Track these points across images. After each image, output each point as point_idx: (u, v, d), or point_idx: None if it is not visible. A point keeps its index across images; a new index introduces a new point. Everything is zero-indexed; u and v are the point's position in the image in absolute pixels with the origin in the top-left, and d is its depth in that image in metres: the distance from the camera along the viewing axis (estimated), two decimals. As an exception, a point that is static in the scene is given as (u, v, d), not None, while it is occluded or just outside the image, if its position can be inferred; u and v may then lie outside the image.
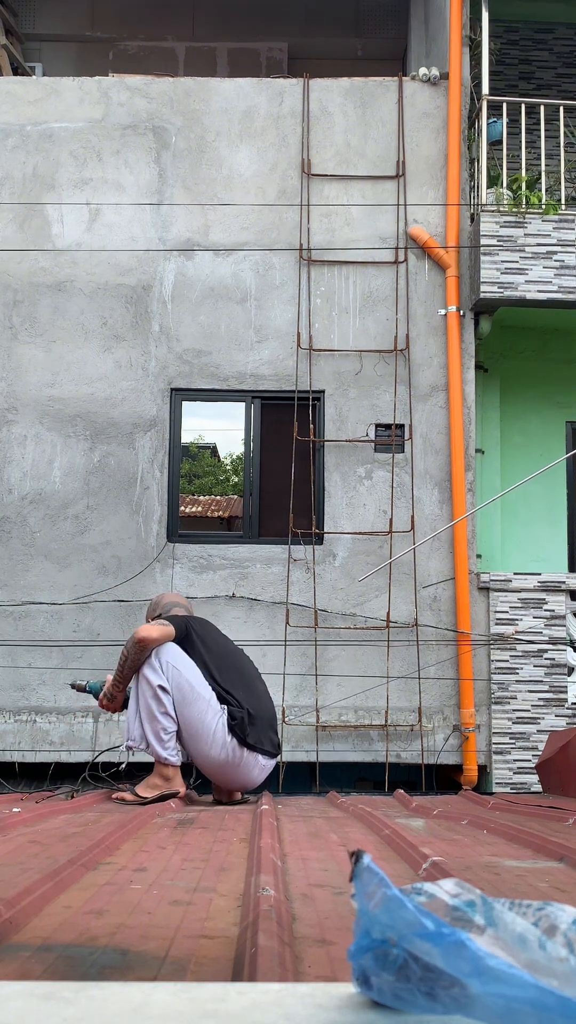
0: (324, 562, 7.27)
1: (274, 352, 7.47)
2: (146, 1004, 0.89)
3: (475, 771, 7.04)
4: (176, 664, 4.00)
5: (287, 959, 1.21)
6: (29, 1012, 0.87)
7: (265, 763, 4.14)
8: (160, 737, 3.98)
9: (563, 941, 0.85)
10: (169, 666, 3.99)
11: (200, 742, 4.00)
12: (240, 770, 4.07)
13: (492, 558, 8.05)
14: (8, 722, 7.03)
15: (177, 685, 3.98)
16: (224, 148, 7.68)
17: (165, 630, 4.05)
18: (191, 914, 1.60)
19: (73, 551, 7.26)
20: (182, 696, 3.97)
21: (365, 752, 7.06)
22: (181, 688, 3.97)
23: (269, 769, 4.21)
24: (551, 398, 8.35)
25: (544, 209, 7.47)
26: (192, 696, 3.97)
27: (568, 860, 2.24)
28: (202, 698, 3.98)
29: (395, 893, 0.88)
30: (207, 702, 3.98)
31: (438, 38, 8.36)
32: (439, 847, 2.48)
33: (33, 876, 1.80)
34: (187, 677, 3.99)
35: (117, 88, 7.75)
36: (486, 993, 0.81)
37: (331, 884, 1.92)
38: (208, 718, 3.98)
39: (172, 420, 7.44)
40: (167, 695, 3.97)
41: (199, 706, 3.97)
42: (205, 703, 3.98)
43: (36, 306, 7.49)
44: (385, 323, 7.51)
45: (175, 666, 3.99)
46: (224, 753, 4.01)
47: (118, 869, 2.07)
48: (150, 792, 4.01)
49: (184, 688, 3.97)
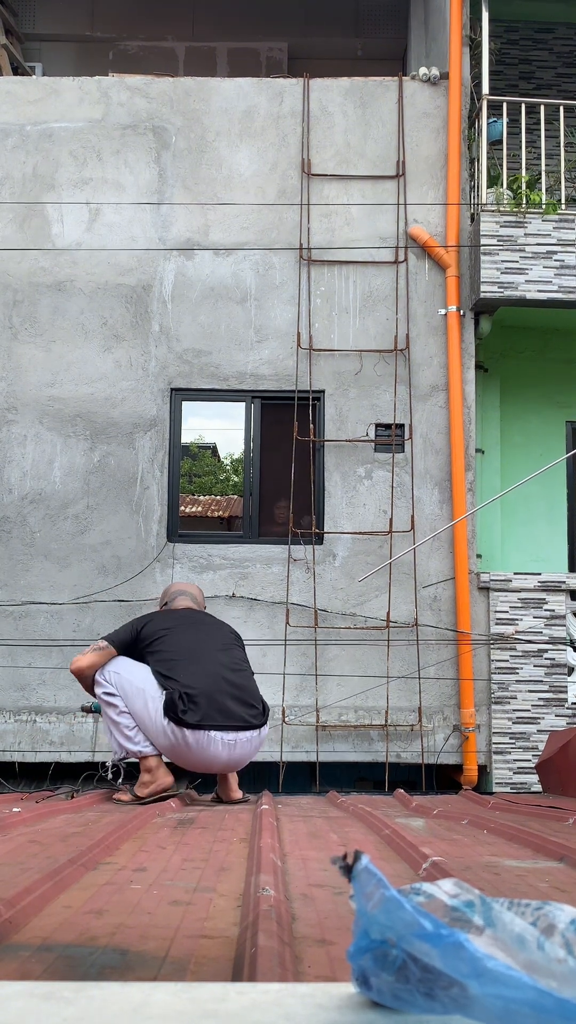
0: (324, 562, 7.27)
1: (274, 352, 7.47)
2: (146, 1004, 0.89)
3: (475, 771, 7.04)
4: (116, 670, 4.19)
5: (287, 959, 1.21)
6: (29, 1012, 0.87)
7: (228, 737, 4.04)
8: (126, 735, 4.12)
9: (561, 942, 0.85)
10: (111, 674, 4.19)
11: (149, 731, 4.09)
12: (193, 750, 4.02)
13: (492, 558, 8.05)
14: (8, 722, 7.04)
15: (119, 687, 4.15)
16: (224, 148, 7.68)
17: (94, 658, 4.27)
18: (191, 914, 1.60)
19: (73, 551, 7.26)
20: (126, 695, 4.13)
21: (365, 752, 7.06)
22: (123, 688, 4.14)
23: (245, 744, 4.10)
24: (551, 398, 8.35)
25: (544, 209, 7.47)
26: (133, 691, 4.11)
27: (568, 860, 2.24)
28: (142, 691, 4.09)
29: (393, 894, 0.89)
30: (146, 692, 4.08)
31: (438, 38, 8.36)
32: (439, 847, 2.48)
33: (33, 876, 1.80)
34: (127, 677, 4.15)
35: (117, 88, 7.75)
36: (485, 994, 0.82)
37: (331, 884, 1.92)
38: (149, 707, 4.06)
39: (172, 420, 7.44)
40: (116, 697, 4.15)
41: (140, 699, 4.09)
42: (145, 695, 4.08)
43: (36, 306, 7.49)
44: (385, 323, 7.52)
45: (115, 671, 4.19)
46: (166, 738, 4.03)
47: (118, 869, 2.07)
48: (144, 790, 4.05)
49: (126, 687, 4.13)
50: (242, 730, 4.10)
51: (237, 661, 4.30)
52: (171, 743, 4.03)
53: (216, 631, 4.42)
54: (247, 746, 4.13)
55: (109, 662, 4.23)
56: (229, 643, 4.38)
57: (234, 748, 4.08)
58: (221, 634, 4.41)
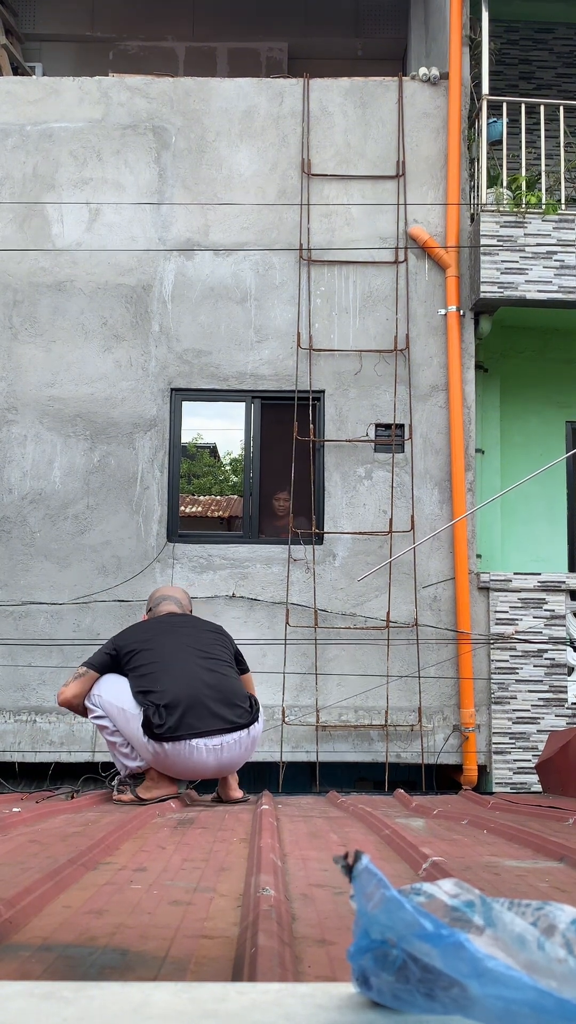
0: (324, 562, 7.27)
1: (274, 352, 7.47)
2: (146, 1004, 0.89)
3: (475, 771, 7.04)
4: (99, 692, 4.22)
5: (287, 959, 1.21)
6: (29, 1012, 0.87)
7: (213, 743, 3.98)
8: (123, 753, 4.17)
9: (561, 942, 0.85)
10: (95, 697, 4.22)
11: (137, 748, 4.11)
12: (176, 762, 3.99)
13: (492, 558, 8.05)
14: (8, 722, 7.04)
15: (106, 708, 4.18)
16: (224, 148, 7.68)
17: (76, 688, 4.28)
18: (191, 914, 1.60)
19: (73, 551, 7.26)
20: (112, 716, 4.17)
21: (365, 752, 7.06)
22: (108, 710, 4.17)
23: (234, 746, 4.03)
24: (551, 398, 8.35)
25: (544, 209, 7.47)
26: (116, 712, 4.15)
27: (568, 860, 2.24)
28: (122, 710, 4.12)
29: (393, 894, 0.89)
30: (127, 712, 4.10)
31: (438, 38, 8.36)
32: (439, 847, 2.48)
33: (33, 876, 1.80)
34: (108, 699, 4.17)
35: (117, 88, 7.75)
36: (485, 994, 0.82)
37: (331, 884, 1.92)
38: (132, 725, 4.08)
39: (172, 420, 7.44)
40: (105, 719, 4.19)
41: (123, 717, 4.12)
42: (126, 713, 4.10)
43: (36, 306, 7.49)
44: (385, 323, 7.52)
45: (99, 694, 4.22)
46: (149, 752, 4.03)
47: (118, 869, 2.07)
48: (146, 792, 4.05)
49: (109, 709, 4.16)
50: (227, 732, 4.02)
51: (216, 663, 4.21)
52: (155, 757, 4.03)
53: (195, 634, 4.34)
54: (236, 748, 4.05)
55: (95, 685, 4.24)
56: (208, 644, 4.30)
57: (221, 752, 4.01)
58: (200, 636, 4.33)
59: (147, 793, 4.05)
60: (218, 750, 4.00)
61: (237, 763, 4.13)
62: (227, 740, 4.02)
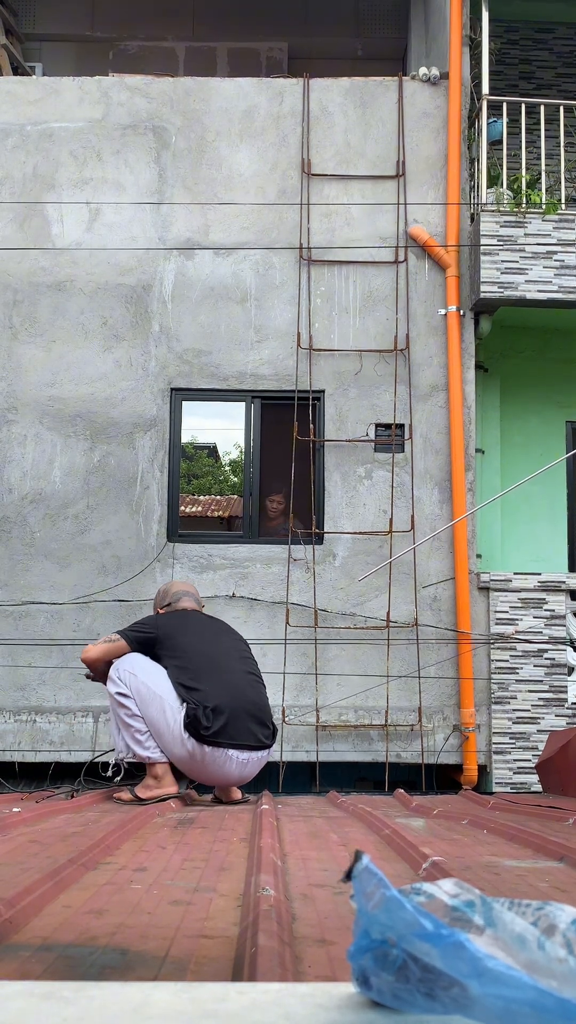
0: (324, 562, 7.27)
1: (274, 352, 7.47)
2: (146, 1004, 0.89)
3: (475, 771, 7.04)
4: (132, 670, 4.09)
5: (287, 959, 1.21)
6: (29, 1012, 0.87)
7: (243, 757, 4.02)
8: (137, 739, 4.06)
9: (562, 941, 0.85)
10: (126, 673, 4.08)
11: (163, 740, 4.03)
12: (208, 766, 3.99)
13: (492, 558, 8.05)
14: (8, 722, 7.04)
15: (135, 689, 4.05)
16: (224, 148, 7.68)
17: (106, 648, 4.19)
18: (191, 914, 1.60)
19: (73, 551, 7.26)
20: (141, 698, 4.04)
21: (365, 752, 7.06)
22: (139, 691, 4.04)
23: (256, 763, 4.10)
24: (551, 398, 8.35)
25: (544, 209, 7.47)
26: (149, 696, 4.03)
27: (568, 860, 2.24)
28: (159, 697, 4.01)
29: (394, 894, 0.88)
30: (164, 701, 4.00)
31: (438, 38, 8.36)
32: (439, 847, 2.48)
33: (33, 876, 1.80)
34: (143, 680, 4.05)
35: (117, 88, 7.75)
36: (485, 994, 0.82)
37: (331, 884, 1.92)
38: (167, 716, 3.99)
39: (172, 420, 7.45)
40: (129, 699, 4.05)
41: (156, 705, 4.01)
42: (162, 702, 4.01)
43: (36, 306, 7.49)
44: (385, 323, 7.52)
45: (131, 672, 4.08)
46: (184, 750, 3.98)
47: (118, 869, 2.07)
48: (146, 792, 4.03)
49: (142, 691, 4.04)
50: (255, 750, 4.08)
51: (255, 675, 4.28)
52: (188, 756, 3.98)
53: (231, 639, 4.38)
54: (256, 765, 4.12)
55: (124, 659, 4.14)
56: (245, 653, 4.35)
57: (245, 767, 4.06)
58: (236, 642, 4.38)
59: (146, 792, 4.03)
60: (244, 764, 4.06)
61: (250, 778, 4.18)
62: (253, 757, 4.08)
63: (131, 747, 4.08)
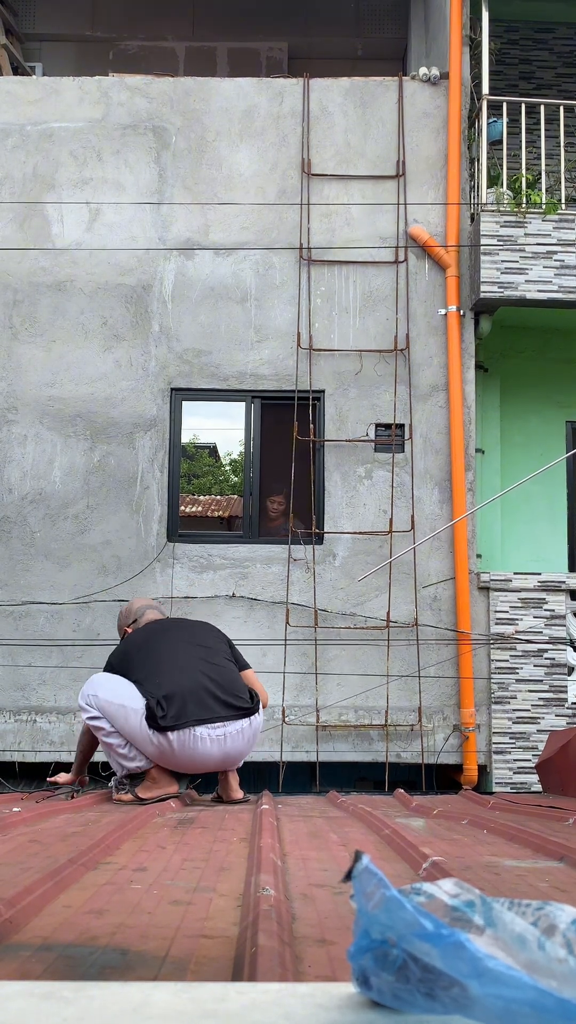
0: (324, 562, 7.27)
1: (274, 352, 7.47)
2: (146, 1004, 0.89)
3: (475, 771, 7.04)
4: (94, 691, 4.12)
5: (287, 959, 1.21)
6: (29, 1012, 0.87)
7: (216, 732, 3.97)
8: (120, 754, 4.08)
9: (562, 941, 0.85)
10: (90, 696, 4.12)
11: (138, 744, 4.04)
12: (180, 753, 3.96)
13: (492, 558, 8.05)
14: (8, 722, 7.03)
15: (101, 708, 4.08)
16: (224, 148, 7.68)
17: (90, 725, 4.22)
18: (191, 914, 1.60)
19: (73, 551, 7.26)
20: (109, 715, 4.07)
21: (365, 752, 7.06)
22: (105, 708, 4.07)
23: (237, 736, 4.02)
24: (551, 398, 8.35)
25: (544, 209, 7.47)
26: (114, 709, 4.05)
27: (568, 860, 2.24)
28: (122, 706, 4.03)
29: (394, 894, 0.88)
30: (127, 707, 4.02)
31: (438, 38, 8.36)
32: (439, 847, 2.48)
33: (33, 876, 1.80)
34: (105, 697, 4.08)
35: (117, 88, 7.75)
36: (485, 994, 0.82)
37: (331, 884, 1.92)
38: (131, 720, 4.01)
39: (172, 420, 7.45)
40: (100, 719, 4.08)
41: (122, 714, 4.03)
42: (125, 709, 4.02)
43: (36, 306, 7.49)
44: (385, 323, 7.52)
45: (93, 694, 4.12)
46: (153, 745, 3.98)
47: (118, 869, 2.07)
48: (147, 792, 4.02)
49: (107, 708, 4.07)
50: (230, 720, 4.02)
51: (212, 653, 4.22)
52: (158, 750, 3.98)
53: (189, 628, 4.38)
54: (239, 739, 4.04)
55: (87, 683, 4.18)
56: (203, 638, 4.30)
57: (225, 742, 4.00)
58: (194, 631, 4.35)
59: (147, 792, 4.02)
60: (221, 740, 3.99)
61: (240, 754, 4.11)
62: (230, 729, 4.01)
63: (121, 763, 4.10)
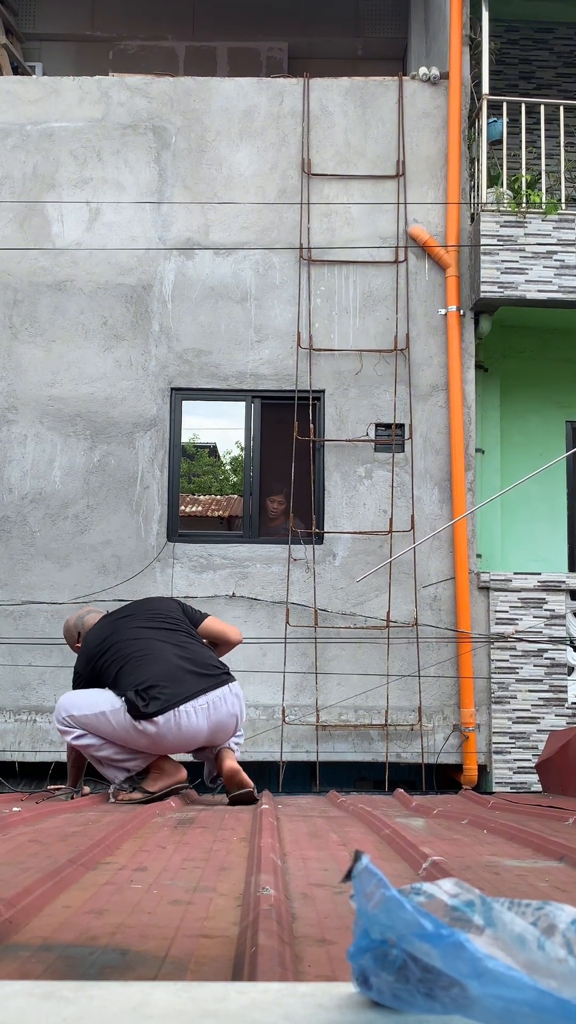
0: (324, 562, 7.27)
1: (274, 352, 7.47)
2: (146, 1003, 0.89)
3: (475, 771, 7.04)
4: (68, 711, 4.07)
5: (287, 959, 1.21)
6: (29, 1012, 0.87)
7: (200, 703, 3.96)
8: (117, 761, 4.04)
9: (562, 942, 0.85)
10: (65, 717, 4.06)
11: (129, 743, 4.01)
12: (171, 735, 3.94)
13: (492, 558, 8.05)
14: (8, 722, 7.04)
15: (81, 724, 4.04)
16: (224, 148, 7.68)
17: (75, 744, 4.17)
18: (191, 914, 1.60)
19: (73, 551, 7.26)
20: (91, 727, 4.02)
21: (365, 752, 7.06)
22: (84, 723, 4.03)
23: (220, 704, 4.02)
24: (551, 398, 8.35)
25: (544, 209, 7.47)
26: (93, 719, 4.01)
27: (568, 860, 2.24)
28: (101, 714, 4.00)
29: (393, 894, 0.88)
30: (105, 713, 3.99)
31: (438, 37, 8.36)
32: (439, 847, 2.48)
33: (33, 876, 1.80)
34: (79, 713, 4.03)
35: (117, 88, 7.75)
36: (485, 994, 0.82)
37: (331, 884, 1.92)
38: (113, 722, 3.97)
39: (172, 420, 7.45)
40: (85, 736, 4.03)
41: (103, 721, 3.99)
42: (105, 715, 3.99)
43: (36, 306, 7.49)
44: (385, 323, 7.51)
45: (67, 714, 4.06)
46: (144, 737, 3.94)
47: (118, 869, 2.07)
48: (155, 784, 3.97)
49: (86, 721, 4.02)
50: (210, 689, 4.02)
51: (176, 633, 4.19)
52: (150, 739, 3.94)
53: (142, 613, 4.32)
54: (223, 705, 4.03)
55: (56, 707, 4.13)
56: (161, 618, 4.26)
57: (210, 711, 3.99)
58: (149, 614, 4.31)
59: (154, 785, 3.97)
60: (207, 709, 3.98)
61: (229, 721, 4.08)
62: (212, 697, 4.01)
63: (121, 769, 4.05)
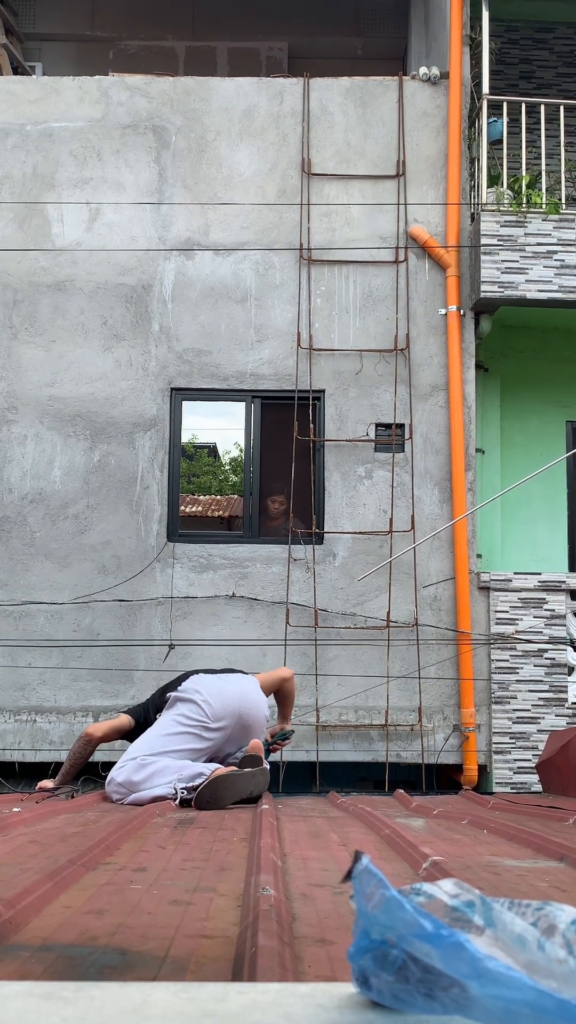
0: (324, 562, 7.27)
1: (274, 352, 7.47)
2: (146, 1004, 0.89)
3: (475, 771, 7.04)
4: (130, 777, 3.99)
5: (287, 959, 1.21)
6: (29, 1012, 0.87)
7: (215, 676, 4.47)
8: (186, 781, 3.95)
9: (562, 942, 0.85)
10: (123, 785, 4.00)
11: (197, 754, 4.22)
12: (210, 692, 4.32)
13: (492, 558, 8.04)
14: (8, 722, 7.03)
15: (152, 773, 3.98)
16: (224, 147, 7.68)
17: (113, 724, 4.45)
18: (191, 914, 1.60)
19: (73, 551, 7.26)
20: (159, 772, 3.97)
21: (365, 752, 7.06)
22: (154, 770, 3.98)
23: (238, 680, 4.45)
24: (551, 398, 8.35)
25: (544, 209, 7.47)
26: (163, 767, 3.99)
27: (568, 860, 2.24)
28: (162, 753, 4.09)
29: (393, 894, 0.88)
30: (170, 751, 4.11)
31: (438, 37, 8.36)
32: (439, 847, 2.48)
33: (33, 876, 1.80)
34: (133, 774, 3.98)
35: (117, 87, 7.75)
36: (485, 995, 0.82)
37: (331, 884, 1.92)
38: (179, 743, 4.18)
39: (172, 420, 7.44)
40: (159, 788, 3.93)
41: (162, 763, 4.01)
42: (166, 753, 4.09)
43: (36, 306, 7.49)
44: (385, 323, 7.51)
45: (126, 781, 3.99)
46: (216, 728, 4.26)
47: (118, 869, 2.07)
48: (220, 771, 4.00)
49: (155, 767, 3.99)
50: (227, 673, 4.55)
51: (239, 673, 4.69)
52: (221, 726, 4.24)
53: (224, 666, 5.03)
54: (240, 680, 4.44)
55: (114, 776, 4.03)
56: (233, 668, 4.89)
57: (229, 679, 4.42)
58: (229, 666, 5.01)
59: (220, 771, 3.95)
60: (225, 678, 4.43)
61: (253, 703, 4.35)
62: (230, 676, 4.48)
63: (189, 787, 3.92)
